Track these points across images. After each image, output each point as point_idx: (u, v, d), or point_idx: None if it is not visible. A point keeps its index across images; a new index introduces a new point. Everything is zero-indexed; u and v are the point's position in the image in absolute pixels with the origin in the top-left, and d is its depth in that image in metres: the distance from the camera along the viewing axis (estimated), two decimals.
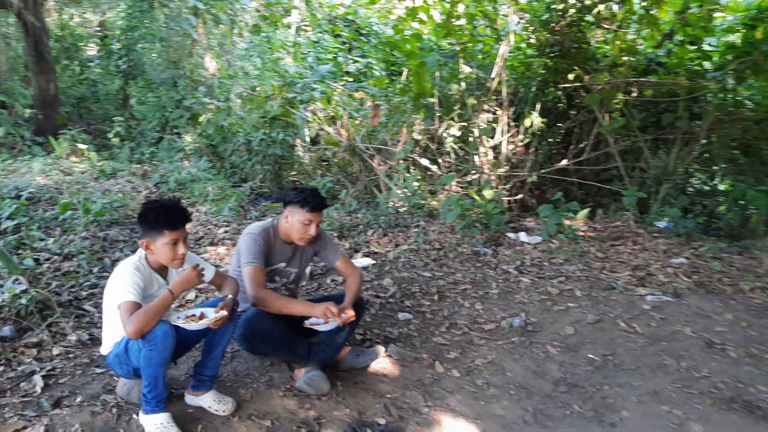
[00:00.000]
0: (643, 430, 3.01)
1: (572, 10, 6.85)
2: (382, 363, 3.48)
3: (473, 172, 7.11)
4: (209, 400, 2.85)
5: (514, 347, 3.84)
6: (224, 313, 2.70)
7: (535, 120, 7.08)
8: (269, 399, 3.03)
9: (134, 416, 2.71)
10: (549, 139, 7.71)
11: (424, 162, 7.31)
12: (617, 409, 3.19)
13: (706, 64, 7.80)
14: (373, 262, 5.13)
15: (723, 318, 4.34)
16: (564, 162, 7.16)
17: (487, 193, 6.40)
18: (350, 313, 3.05)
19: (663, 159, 7.28)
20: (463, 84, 7.25)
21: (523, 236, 5.81)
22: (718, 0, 6.68)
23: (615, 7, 6.98)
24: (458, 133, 7.29)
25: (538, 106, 7.26)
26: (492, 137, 7.13)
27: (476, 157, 7.11)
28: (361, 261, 5.07)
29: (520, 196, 7.08)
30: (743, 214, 6.90)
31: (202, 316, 2.74)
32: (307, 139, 8.22)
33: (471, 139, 7.18)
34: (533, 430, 3.00)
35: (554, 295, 4.58)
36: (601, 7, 6.90)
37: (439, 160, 7.41)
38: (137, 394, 2.77)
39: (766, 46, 6.87)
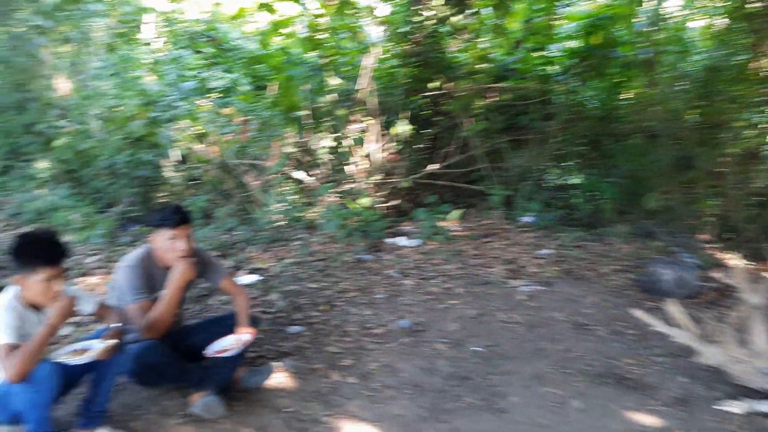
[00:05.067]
0: (530, 412, 3.23)
1: (428, 22, 7.18)
2: (277, 378, 3.48)
3: (347, 181, 7.23)
4: None
5: (405, 348, 3.97)
6: (113, 341, 2.60)
7: (403, 128, 7.33)
8: (164, 429, 2.94)
9: None
10: (420, 145, 7.99)
11: (299, 175, 7.33)
12: (505, 395, 3.41)
13: (554, 69, 8.47)
14: (260, 278, 5.09)
15: (588, 301, 4.75)
16: (434, 166, 7.47)
17: (364, 201, 6.54)
18: (251, 332, 3.09)
19: (522, 158, 7.79)
20: (332, 96, 7.35)
21: (401, 240, 5.99)
22: (556, 11, 7.28)
23: (468, 19, 7.41)
24: (331, 145, 7.38)
25: (405, 114, 7.51)
26: (363, 146, 7.29)
27: (349, 167, 7.23)
28: (246, 278, 5.00)
29: (395, 201, 7.28)
30: (595, 204, 7.55)
31: (85, 350, 2.62)
32: (177, 158, 7.96)
33: (342, 149, 7.30)
34: (431, 425, 3.13)
35: (437, 294, 4.79)
36: (455, 18, 7.30)
37: (313, 172, 7.46)
38: None
39: (602, 51, 7.60)
